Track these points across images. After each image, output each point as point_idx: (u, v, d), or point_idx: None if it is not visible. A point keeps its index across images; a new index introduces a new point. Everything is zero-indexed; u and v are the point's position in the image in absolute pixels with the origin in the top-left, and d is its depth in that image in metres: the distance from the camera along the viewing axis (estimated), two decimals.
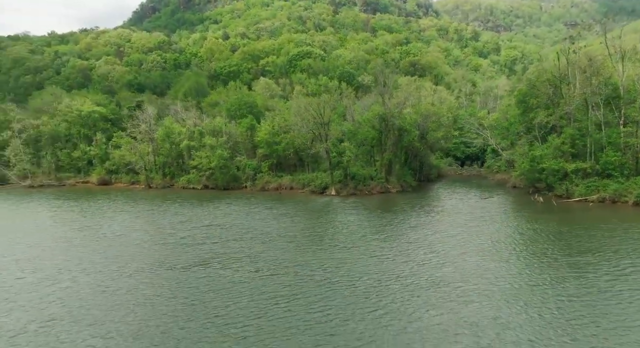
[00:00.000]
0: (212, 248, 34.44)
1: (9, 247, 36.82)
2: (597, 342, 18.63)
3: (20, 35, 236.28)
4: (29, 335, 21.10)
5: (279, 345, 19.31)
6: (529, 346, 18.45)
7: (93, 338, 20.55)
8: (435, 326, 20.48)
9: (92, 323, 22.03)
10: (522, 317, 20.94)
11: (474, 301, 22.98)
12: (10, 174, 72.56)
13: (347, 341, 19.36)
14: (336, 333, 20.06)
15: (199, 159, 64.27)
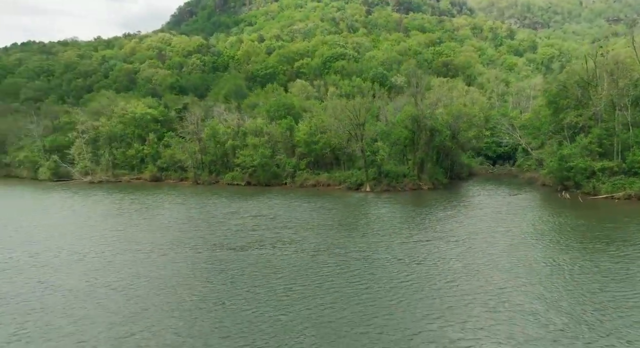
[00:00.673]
0: (263, 234, 39.76)
1: (102, 229, 43.36)
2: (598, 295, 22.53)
3: (68, 41, 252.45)
4: (150, 286, 26.87)
5: (327, 302, 24.14)
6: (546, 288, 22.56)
7: (198, 291, 26.04)
8: (454, 289, 24.80)
9: (190, 285, 27.58)
10: (542, 281, 24.99)
11: (487, 274, 27.10)
12: (73, 170, 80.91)
13: (384, 306, 23.96)
14: (376, 299, 24.71)
15: (243, 157, 70.18)
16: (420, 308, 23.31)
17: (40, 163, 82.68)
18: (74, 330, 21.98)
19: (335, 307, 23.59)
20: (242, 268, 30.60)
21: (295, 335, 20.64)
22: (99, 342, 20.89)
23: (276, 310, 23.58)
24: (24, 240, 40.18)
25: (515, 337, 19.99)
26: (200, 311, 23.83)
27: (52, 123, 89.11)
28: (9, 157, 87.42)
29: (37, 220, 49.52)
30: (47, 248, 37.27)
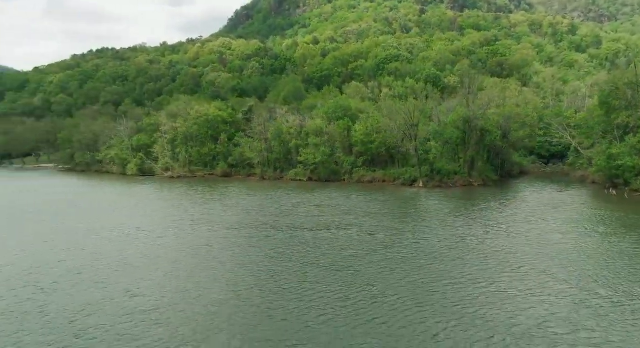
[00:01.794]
0: (327, 219, 47.26)
1: (193, 213, 52.82)
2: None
3: (138, 47, 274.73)
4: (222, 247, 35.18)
5: (382, 265, 31.03)
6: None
7: (276, 258, 33.90)
8: (506, 266, 30.87)
9: (283, 253, 35.54)
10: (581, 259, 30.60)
11: (537, 262, 32.83)
12: (156, 166, 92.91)
13: (433, 274, 30.48)
14: (423, 269, 31.29)
15: (305, 155, 78.33)
16: (464, 269, 29.65)
17: (128, 160, 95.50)
18: (190, 287, 30.27)
19: (388, 270, 30.42)
20: (316, 243, 38.17)
21: (364, 285, 27.66)
22: (224, 294, 28.97)
23: (347, 270, 30.79)
24: (137, 222, 50.15)
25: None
26: (296, 271, 31.49)
27: (136, 124, 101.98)
28: (101, 155, 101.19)
29: (140, 207, 60.05)
30: (153, 228, 46.83)
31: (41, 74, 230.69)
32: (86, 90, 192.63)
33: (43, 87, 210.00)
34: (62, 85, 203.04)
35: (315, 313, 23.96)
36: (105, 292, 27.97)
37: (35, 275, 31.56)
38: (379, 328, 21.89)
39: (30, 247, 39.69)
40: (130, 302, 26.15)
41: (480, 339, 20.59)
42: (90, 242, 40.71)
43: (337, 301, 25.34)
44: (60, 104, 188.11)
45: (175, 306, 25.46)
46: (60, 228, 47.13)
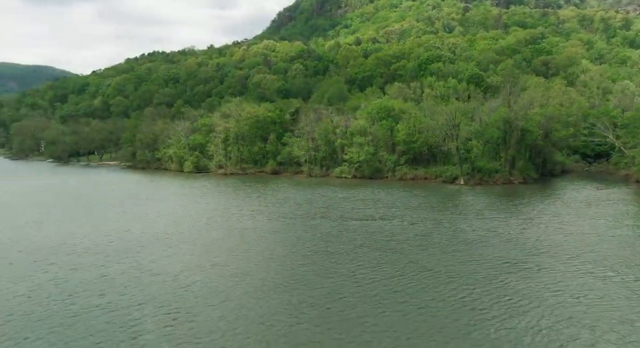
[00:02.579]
0: (372, 211, 52.31)
1: (251, 205, 59.30)
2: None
3: (187, 50, 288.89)
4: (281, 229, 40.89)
5: (420, 248, 35.74)
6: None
7: (326, 242, 39.33)
8: (544, 254, 34.92)
9: (328, 239, 41.03)
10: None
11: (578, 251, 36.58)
12: (211, 164, 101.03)
13: (464, 256, 34.91)
14: (456, 251, 35.74)
15: (350, 154, 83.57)
16: (493, 251, 33.92)
17: (185, 158, 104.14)
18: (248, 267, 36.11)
19: (426, 252, 35.10)
20: (362, 230, 43.36)
21: (406, 262, 32.54)
22: (283, 269, 34.65)
23: (391, 251, 35.75)
24: (208, 212, 57.07)
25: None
26: (347, 251, 36.79)
27: (191, 125, 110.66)
28: (160, 153, 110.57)
29: (204, 199, 67.34)
30: (220, 216, 53.45)
31: (100, 77, 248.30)
32: (141, 92, 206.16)
33: (102, 89, 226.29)
34: (119, 87, 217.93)
35: (366, 279, 29.16)
36: (198, 260, 34.32)
37: (143, 247, 38.53)
38: (418, 294, 26.79)
39: (134, 226, 47.12)
40: (224, 269, 32.34)
41: (500, 301, 25.07)
42: (185, 227, 47.62)
43: (385, 274, 30.43)
44: (117, 105, 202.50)
45: (256, 273, 31.37)
46: (159, 214, 54.69)
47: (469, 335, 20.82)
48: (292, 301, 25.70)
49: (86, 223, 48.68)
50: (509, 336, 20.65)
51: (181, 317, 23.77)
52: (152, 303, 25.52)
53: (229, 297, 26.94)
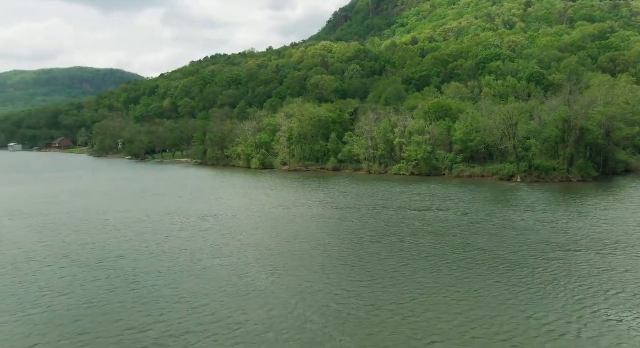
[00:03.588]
0: (428, 204, 57.29)
1: (317, 197, 66.23)
2: None
3: (246, 52, 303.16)
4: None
5: (470, 235, 40.54)
6: None
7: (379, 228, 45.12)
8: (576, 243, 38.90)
9: (390, 224, 46.84)
10: None
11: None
12: (276, 161, 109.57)
13: (511, 239, 39.36)
14: (504, 236, 40.20)
15: (408, 152, 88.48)
16: (537, 237, 38.18)
17: (252, 155, 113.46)
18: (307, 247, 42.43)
19: (477, 236, 39.91)
20: (420, 218, 48.71)
21: (461, 244, 37.65)
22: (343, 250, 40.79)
23: (448, 237, 40.90)
24: (278, 201, 64.58)
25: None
26: (407, 234, 42.40)
27: (257, 125, 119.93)
28: (229, 151, 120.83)
29: (274, 191, 75.20)
30: (291, 206, 60.62)
31: (168, 80, 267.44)
32: (206, 94, 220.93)
33: (170, 91, 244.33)
34: (186, 89, 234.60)
35: (426, 253, 34.71)
36: (282, 235, 41.30)
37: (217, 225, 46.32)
38: (471, 266, 31.94)
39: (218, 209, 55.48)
40: (300, 245, 39.10)
41: (539, 274, 29.72)
42: (268, 212, 55.37)
43: (442, 252, 35.76)
44: (185, 106, 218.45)
45: (331, 248, 37.78)
46: (238, 202, 63.14)
47: (516, 292, 25.89)
48: (369, 268, 31.75)
49: (205, 205, 57.52)
50: (550, 298, 25.48)
51: (281, 269, 30.50)
52: (260, 263, 32.55)
53: (310, 263, 33.41)
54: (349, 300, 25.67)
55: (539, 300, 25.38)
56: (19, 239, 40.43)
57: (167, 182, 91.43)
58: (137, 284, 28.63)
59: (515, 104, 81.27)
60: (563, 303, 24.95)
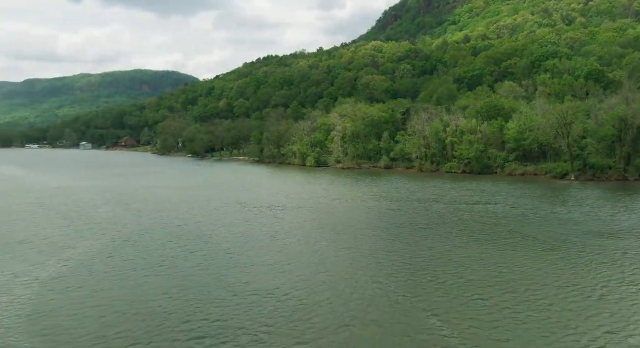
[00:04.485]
0: (478, 198, 61.14)
1: (372, 191, 71.54)
2: None
3: (297, 53, 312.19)
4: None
5: (517, 224, 44.28)
6: None
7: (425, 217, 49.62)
8: None
9: (442, 215, 51.37)
10: None
11: None
12: (329, 159, 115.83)
13: (555, 229, 42.81)
14: (548, 227, 43.66)
15: (460, 151, 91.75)
16: (576, 226, 41.48)
17: (307, 153, 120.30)
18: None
19: (521, 225, 43.60)
20: (470, 211, 52.76)
21: (506, 231, 41.67)
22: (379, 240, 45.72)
23: (495, 225, 44.92)
24: (335, 194, 70.42)
25: None
26: (457, 223, 46.80)
27: (312, 124, 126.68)
28: (284, 149, 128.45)
29: (331, 186, 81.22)
30: (349, 198, 66.21)
31: (223, 81, 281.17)
32: (259, 94, 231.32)
33: (225, 92, 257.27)
34: (240, 90, 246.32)
35: (475, 238, 39.15)
36: (343, 221, 47.02)
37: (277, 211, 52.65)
38: (514, 248, 36.11)
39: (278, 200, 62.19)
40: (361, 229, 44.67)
41: (594, 265, 33.48)
42: (327, 203, 61.55)
43: (489, 237, 40.02)
44: (240, 106, 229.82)
45: (388, 233, 43.05)
46: (299, 195, 69.86)
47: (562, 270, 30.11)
48: (424, 249, 36.75)
49: (271, 197, 64.72)
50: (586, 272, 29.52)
51: (345, 246, 36.10)
52: (326, 241, 38.39)
53: (371, 242, 38.84)
54: (409, 272, 30.99)
55: (571, 273, 29.61)
56: (128, 221, 48.71)
57: (232, 177, 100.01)
58: (232, 254, 35.38)
59: (570, 103, 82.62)
60: (592, 275, 29.05)
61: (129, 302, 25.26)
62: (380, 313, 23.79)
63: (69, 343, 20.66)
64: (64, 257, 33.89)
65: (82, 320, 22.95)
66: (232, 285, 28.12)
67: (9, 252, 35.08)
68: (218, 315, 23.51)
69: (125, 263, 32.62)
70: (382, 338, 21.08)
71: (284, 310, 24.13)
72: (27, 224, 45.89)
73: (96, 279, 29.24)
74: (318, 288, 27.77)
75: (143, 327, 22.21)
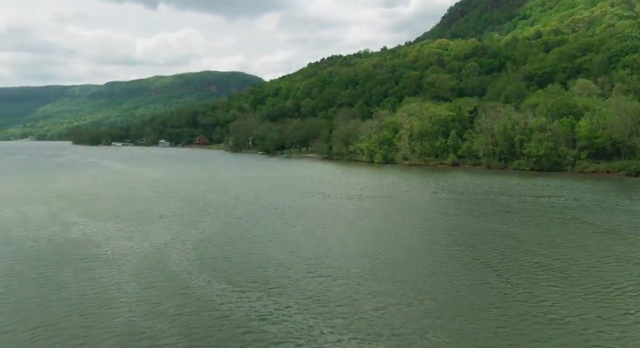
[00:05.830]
0: (542, 192, 64.44)
1: (435, 185, 76.78)
2: None
3: (361, 52, 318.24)
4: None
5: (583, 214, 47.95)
6: None
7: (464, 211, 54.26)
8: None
9: (505, 206, 55.99)
10: None
11: None
12: (397, 156, 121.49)
13: (622, 223, 46.15)
14: (609, 218, 47.00)
15: (529, 149, 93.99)
16: None
17: (375, 151, 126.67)
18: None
19: (582, 213, 47.28)
20: (535, 202, 56.68)
21: (565, 221, 45.76)
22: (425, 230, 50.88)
23: (558, 214, 48.95)
24: (404, 188, 76.29)
25: None
26: (521, 213, 51.28)
27: (379, 123, 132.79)
28: (354, 147, 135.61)
29: (398, 179, 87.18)
30: (415, 191, 71.89)
31: (289, 82, 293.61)
32: (325, 94, 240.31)
33: (292, 92, 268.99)
34: (306, 90, 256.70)
35: (532, 223, 43.76)
36: (417, 209, 53.19)
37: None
38: (571, 231, 40.46)
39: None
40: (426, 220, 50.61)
41: None
42: (398, 195, 67.96)
43: (553, 222, 44.42)
44: (306, 106, 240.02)
45: (453, 222, 48.64)
46: (372, 187, 76.82)
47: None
48: (493, 233, 42.18)
49: (347, 189, 72.43)
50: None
51: (419, 228, 42.34)
52: (401, 224, 44.88)
53: (443, 224, 44.72)
54: (473, 245, 36.86)
55: (627, 252, 34.00)
56: (234, 204, 58.05)
57: (307, 172, 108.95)
58: (327, 228, 42.96)
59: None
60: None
61: (262, 255, 33.47)
62: (458, 271, 30.12)
63: (224, 271, 28.84)
64: (199, 227, 43.28)
65: (233, 259, 31.28)
66: (312, 257, 35.55)
67: (157, 224, 45.06)
68: (329, 264, 30.97)
69: (246, 232, 41.28)
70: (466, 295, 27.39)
71: (388, 262, 31.22)
72: (157, 205, 56.51)
73: (230, 238, 38.36)
74: (402, 252, 34.56)
75: (274, 261, 30.11)
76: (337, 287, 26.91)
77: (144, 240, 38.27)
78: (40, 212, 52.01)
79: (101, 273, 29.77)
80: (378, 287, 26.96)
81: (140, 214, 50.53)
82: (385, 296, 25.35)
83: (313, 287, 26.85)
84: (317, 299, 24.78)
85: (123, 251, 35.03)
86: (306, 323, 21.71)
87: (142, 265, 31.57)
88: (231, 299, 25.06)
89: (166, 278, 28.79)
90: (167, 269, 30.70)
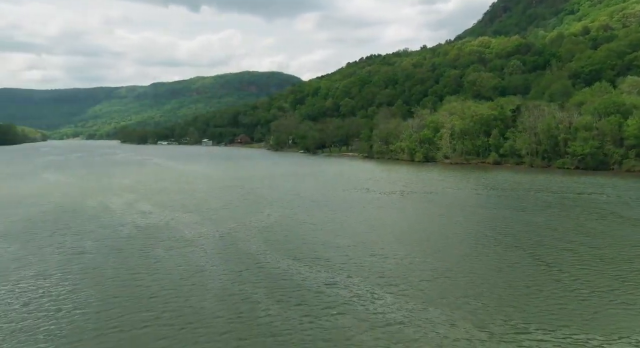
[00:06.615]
0: (584, 189, 65.84)
1: (477, 183, 79.29)
2: None
3: (401, 51, 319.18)
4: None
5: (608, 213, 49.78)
6: None
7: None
8: None
9: (542, 201, 58.35)
10: None
11: None
12: (438, 154, 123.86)
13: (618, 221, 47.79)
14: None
15: (574, 147, 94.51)
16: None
17: (415, 149, 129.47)
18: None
19: (622, 208, 49.17)
20: (577, 200, 58.63)
21: (603, 215, 47.86)
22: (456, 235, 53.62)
23: (599, 210, 51.00)
24: (445, 185, 79.20)
25: None
26: (554, 209, 53.63)
27: (420, 122, 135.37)
28: (394, 145, 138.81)
29: (438, 176, 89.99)
30: (454, 188, 74.71)
31: (329, 81, 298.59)
32: (364, 93, 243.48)
33: (331, 92, 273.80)
34: (346, 90, 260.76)
35: (571, 216, 46.17)
36: (463, 203, 56.48)
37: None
38: (609, 224, 42.75)
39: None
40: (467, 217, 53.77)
41: None
42: (440, 192, 71.32)
43: (592, 216, 46.68)
44: (345, 105, 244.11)
45: (496, 216, 51.62)
46: (415, 184, 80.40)
47: None
48: (536, 225, 45.11)
49: (390, 185, 76.44)
50: None
51: (463, 219, 45.79)
52: (446, 216, 48.45)
53: (488, 217, 47.93)
54: (519, 240, 40.15)
55: None
56: (290, 198, 63.34)
57: (349, 169, 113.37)
58: (365, 220, 47.26)
59: None
60: None
61: (320, 238, 38.19)
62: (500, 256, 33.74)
63: (289, 251, 33.63)
64: (259, 217, 48.67)
65: (296, 241, 36.15)
66: (360, 243, 39.82)
67: (221, 213, 50.95)
68: (384, 246, 35.26)
69: (302, 221, 46.25)
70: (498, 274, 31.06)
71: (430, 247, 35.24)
72: (216, 198, 62.73)
73: (289, 225, 43.58)
74: (428, 245, 38.40)
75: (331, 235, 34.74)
76: (391, 264, 31.29)
77: (214, 226, 43.92)
78: (117, 203, 59.03)
79: (187, 250, 35.38)
80: (426, 265, 31.10)
81: (203, 205, 56.56)
82: (433, 271, 29.51)
83: (370, 263, 31.33)
84: (375, 272, 29.26)
85: (199, 234, 40.71)
86: (368, 290, 26.21)
87: (218, 245, 37.02)
88: (301, 271, 29.91)
89: (241, 255, 34.01)
90: (239, 249, 35.96)
